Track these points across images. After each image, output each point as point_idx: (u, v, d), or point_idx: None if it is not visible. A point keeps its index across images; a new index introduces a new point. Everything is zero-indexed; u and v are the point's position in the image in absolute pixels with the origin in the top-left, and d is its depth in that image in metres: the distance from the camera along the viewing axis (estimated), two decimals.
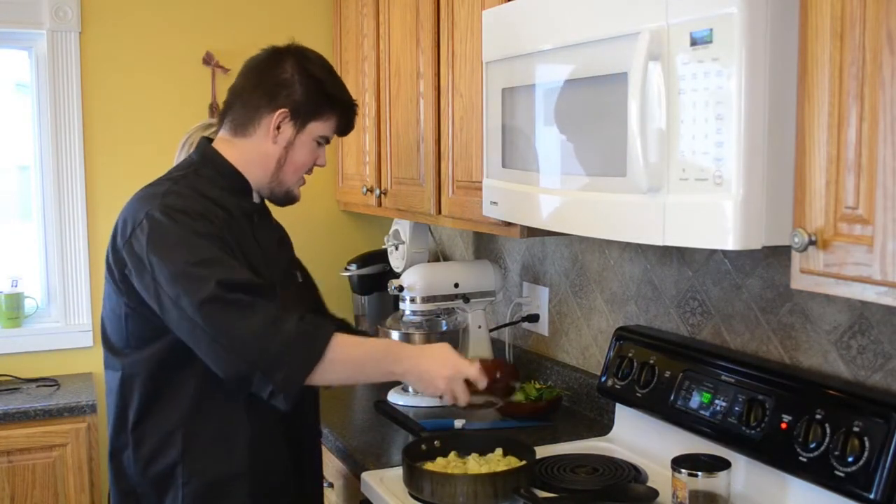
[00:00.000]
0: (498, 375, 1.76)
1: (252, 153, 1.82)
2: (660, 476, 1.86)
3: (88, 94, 3.11)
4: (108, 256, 1.74)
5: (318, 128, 1.84)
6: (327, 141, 1.89)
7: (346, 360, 1.69)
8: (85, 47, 3.10)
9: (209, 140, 1.88)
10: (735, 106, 1.29)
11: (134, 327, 1.72)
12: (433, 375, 1.72)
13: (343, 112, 1.88)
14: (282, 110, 1.80)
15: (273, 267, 1.82)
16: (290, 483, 1.84)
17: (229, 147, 1.84)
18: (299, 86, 1.80)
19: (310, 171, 1.90)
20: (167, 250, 1.63)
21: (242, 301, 1.62)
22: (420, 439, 2.03)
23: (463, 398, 1.73)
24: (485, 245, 2.99)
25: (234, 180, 1.82)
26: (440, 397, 1.75)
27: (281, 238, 1.98)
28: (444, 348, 1.78)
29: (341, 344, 1.67)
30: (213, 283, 1.60)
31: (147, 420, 1.74)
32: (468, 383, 1.73)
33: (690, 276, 2.07)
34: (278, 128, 1.80)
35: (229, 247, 1.69)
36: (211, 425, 1.73)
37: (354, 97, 1.92)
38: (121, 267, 1.70)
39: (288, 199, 1.90)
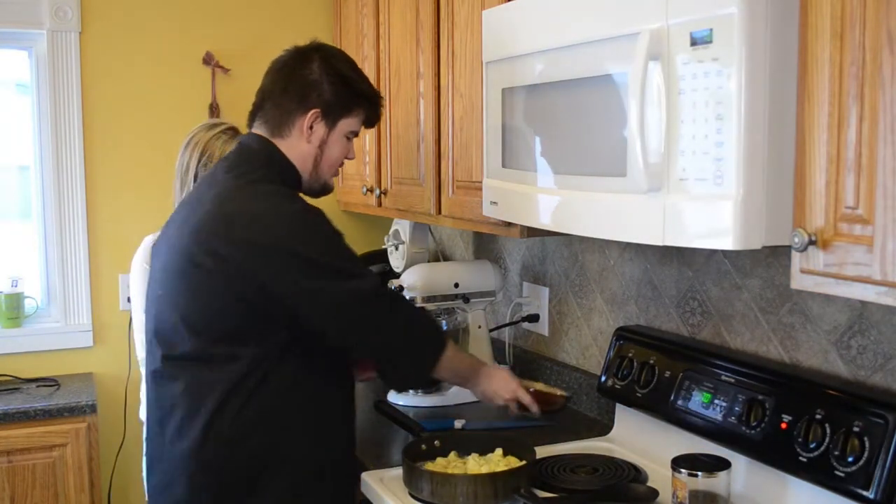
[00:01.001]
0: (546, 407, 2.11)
1: (290, 154, 1.89)
2: (660, 476, 1.86)
3: (88, 94, 3.11)
4: (210, 249, 1.71)
5: (347, 124, 1.92)
6: (356, 135, 1.98)
7: (454, 362, 1.95)
8: (85, 47, 3.10)
9: (267, 140, 1.90)
10: (735, 106, 1.29)
11: (239, 320, 1.72)
12: (496, 397, 2.03)
13: (370, 105, 1.97)
14: (314, 111, 1.87)
15: None
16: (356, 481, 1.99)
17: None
18: (328, 85, 1.88)
19: (342, 164, 1.99)
20: (318, 245, 1.75)
21: (392, 295, 1.84)
22: (420, 439, 2.03)
23: (513, 412, 2.06)
24: (485, 245, 2.99)
25: (297, 182, 1.90)
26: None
27: None
28: (504, 373, 2.06)
29: (455, 348, 1.96)
30: (370, 278, 1.79)
31: (245, 414, 1.73)
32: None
33: (690, 276, 2.07)
34: (311, 127, 1.88)
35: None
36: (310, 415, 1.79)
37: None
38: (239, 256, 1.69)
39: (325, 190, 1.99)
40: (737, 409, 1.76)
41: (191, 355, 1.76)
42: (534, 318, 2.67)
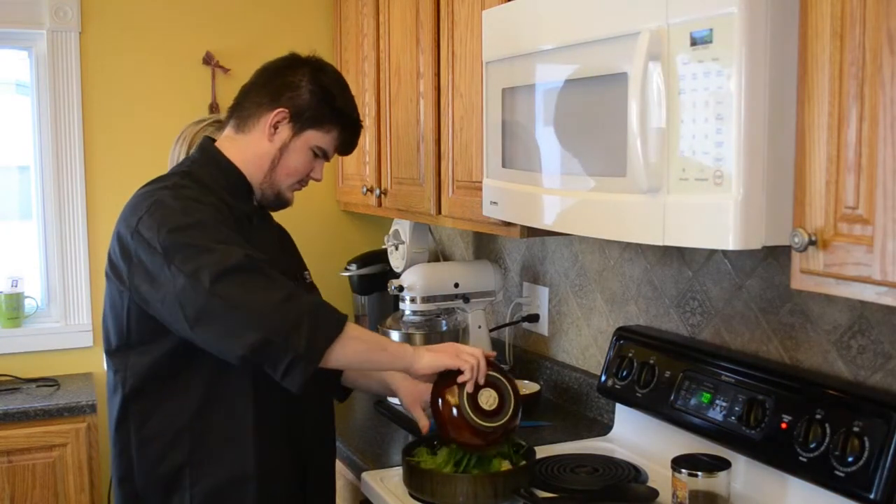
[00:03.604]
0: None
1: (249, 150, 1.82)
2: (660, 476, 1.86)
3: (88, 94, 3.11)
4: (111, 252, 1.72)
5: (315, 137, 1.84)
6: (326, 156, 1.88)
7: (362, 337, 1.69)
8: (85, 47, 3.10)
9: (212, 140, 1.87)
10: (735, 106, 1.29)
11: (138, 325, 1.69)
12: (440, 348, 1.78)
13: (345, 128, 1.88)
14: (281, 109, 1.80)
15: (275, 269, 1.77)
16: (295, 492, 1.81)
17: (230, 144, 1.85)
18: (306, 92, 1.82)
19: (305, 183, 1.89)
20: (182, 230, 1.61)
21: (265, 272, 1.61)
22: (420, 439, 2.03)
23: (474, 351, 1.77)
24: (485, 245, 2.99)
25: (236, 180, 1.81)
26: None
27: (282, 241, 1.96)
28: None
29: (356, 325, 1.70)
30: (237, 255, 1.59)
31: (153, 421, 1.71)
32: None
33: (690, 276, 2.07)
34: (275, 127, 1.81)
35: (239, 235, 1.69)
36: (218, 427, 1.71)
37: (354, 95, 1.92)
38: (128, 258, 1.66)
39: (279, 201, 1.88)
40: (737, 409, 1.76)
41: (105, 365, 1.77)
42: (534, 318, 2.67)
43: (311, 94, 1.82)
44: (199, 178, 1.77)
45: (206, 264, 1.57)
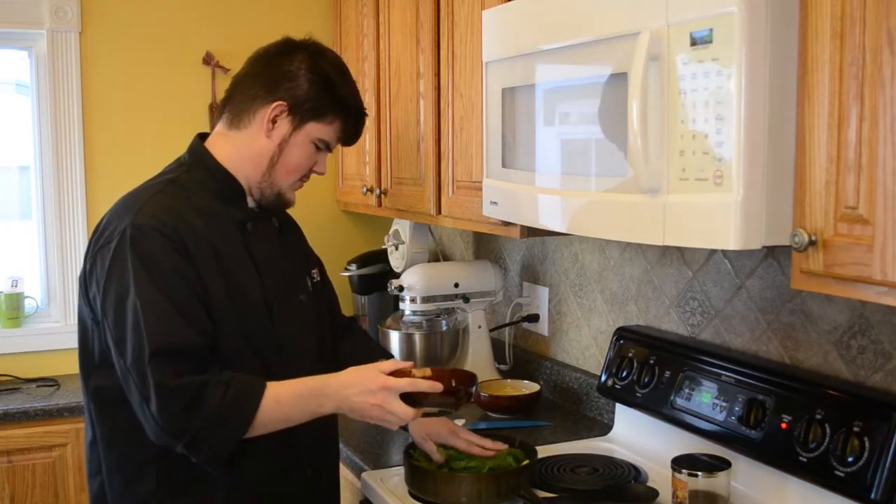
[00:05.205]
0: (453, 384, 1.64)
1: (245, 148, 1.70)
2: (660, 476, 1.86)
3: (88, 94, 3.11)
4: (84, 261, 1.66)
5: (317, 129, 1.72)
6: (328, 148, 1.77)
7: (273, 419, 1.57)
8: (85, 47, 3.10)
9: (202, 137, 1.77)
10: (735, 106, 1.29)
11: (99, 343, 1.61)
12: (362, 406, 1.57)
13: (349, 117, 1.76)
14: (279, 102, 1.68)
15: (271, 278, 1.70)
16: None
17: (223, 141, 1.73)
18: (305, 81, 1.69)
19: (306, 178, 1.78)
20: (123, 290, 1.54)
21: (169, 373, 1.50)
22: None
23: (404, 416, 1.57)
24: (485, 245, 2.99)
25: (227, 185, 1.70)
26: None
27: (285, 241, 1.84)
28: (363, 372, 1.60)
29: (269, 404, 1.55)
30: (149, 348, 1.50)
31: (117, 451, 1.64)
32: (416, 395, 1.58)
33: (690, 276, 2.07)
34: (273, 121, 1.68)
35: (193, 280, 1.57)
36: (185, 463, 1.57)
37: None
38: (85, 275, 1.62)
39: (280, 202, 1.76)
40: (737, 409, 1.76)
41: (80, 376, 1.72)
42: (534, 318, 2.67)
43: (311, 84, 1.69)
44: (186, 184, 1.67)
45: (129, 338, 1.52)
